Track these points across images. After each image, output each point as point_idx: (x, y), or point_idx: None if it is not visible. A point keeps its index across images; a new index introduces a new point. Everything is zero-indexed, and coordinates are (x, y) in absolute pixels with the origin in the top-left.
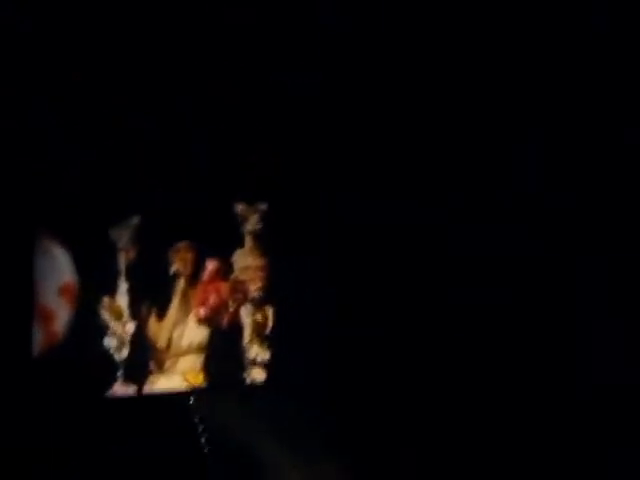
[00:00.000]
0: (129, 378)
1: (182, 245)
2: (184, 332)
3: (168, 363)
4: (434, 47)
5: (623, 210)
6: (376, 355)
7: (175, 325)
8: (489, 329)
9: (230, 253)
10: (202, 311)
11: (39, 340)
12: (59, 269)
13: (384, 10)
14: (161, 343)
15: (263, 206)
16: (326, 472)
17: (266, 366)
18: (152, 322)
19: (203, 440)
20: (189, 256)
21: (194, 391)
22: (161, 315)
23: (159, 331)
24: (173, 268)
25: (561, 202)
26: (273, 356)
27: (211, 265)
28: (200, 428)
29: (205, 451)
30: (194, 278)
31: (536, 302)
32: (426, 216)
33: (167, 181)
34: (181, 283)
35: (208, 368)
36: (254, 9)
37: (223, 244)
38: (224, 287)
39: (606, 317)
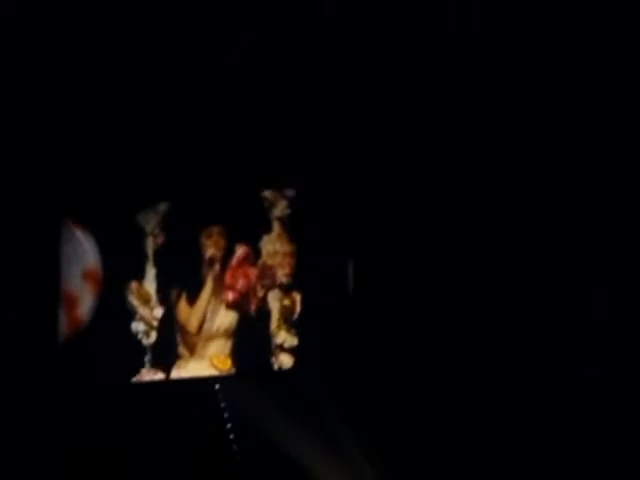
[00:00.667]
0: (157, 363)
1: (215, 230)
2: (214, 316)
3: (197, 347)
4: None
5: (623, 210)
6: (401, 341)
7: (206, 309)
8: (488, 329)
9: (258, 239)
10: (230, 296)
11: (64, 325)
12: (84, 255)
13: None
14: (192, 327)
15: (291, 192)
16: (354, 458)
17: (294, 352)
18: (182, 306)
19: (230, 426)
20: (222, 241)
21: (222, 377)
22: (192, 299)
23: (190, 315)
24: (208, 253)
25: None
26: (300, 342)
27: (240, 250)
28: (227, 414)
29: (232, 437)
30: (224, 263)
31: (536, 302)
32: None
33: (196, 167)
34: (215, 267)
35: (236, 353)
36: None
37: (251, 230)
38: (252, 272)
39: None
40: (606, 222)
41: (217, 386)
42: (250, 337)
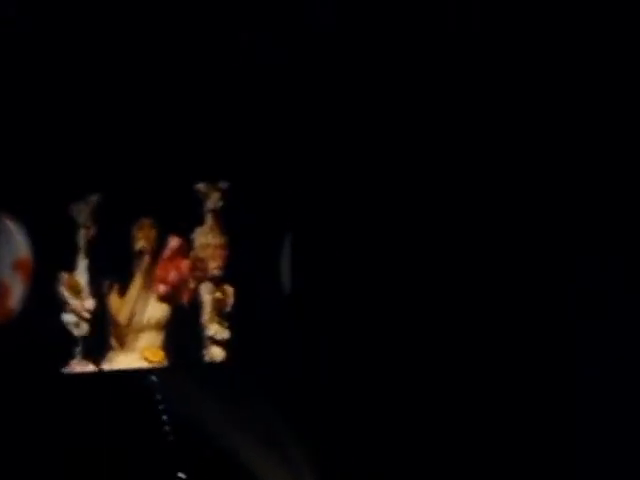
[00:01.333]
0: (88, 355)
1: (146, 222)
2: (145, 309)
3: (128, 339)
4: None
5: (623, 210)
6: (334, 332)
7: (137, 301)
8: (488, 329)
9: (191, 231)
10: (162, 288)
11: None
12: (14, 245)
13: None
14: (122, 319)
15: (224, 185)
16: (288, 450)
17: (225, 344)
18: (113, 298)
19: (162, 418)
20: (152, 233)
21: (153, 369)
22: (123, 291)
23: (120, 307)
24: (138, 245)
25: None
26: (232, 334)
27: (172, 242)
28: (158, 406)
29: (164, 429)
30: (155, 255)
31: (536, 302)
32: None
33: (129, 158)
34: (145, 260)
35: (167, 345)
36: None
37: (184, 222)
38: (184, 265)
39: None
40: (606, 222)
41: (153, 378)
42: (182, 329)
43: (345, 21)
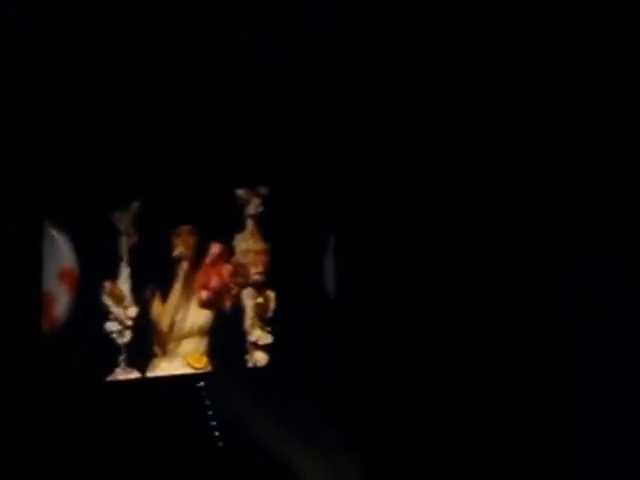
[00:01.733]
0: (131, 362)
1: (184, 229)
2: (187, 315)
3: (171, 346)
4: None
5: (623, 210)
6: (377, 338)
7: (177, 308)
8: (488, 329)
9: (232, 237)
10: (204, 294)
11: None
12: (60, 254)
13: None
14: (164, 326)
15: (264, 190)
16: (331, 453)
17: (268, 349)
18: (155, 305)
19: (211, 423)
20: (191, 240)
21: (197, 375)
22: (164, 298)
23: (162, 314)
24: (176, 252)
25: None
26: (275, 339)
27: (214, 248)
28: (207, 411)
29: (217, 433)
30: (196, 261)
31: (536, 302)
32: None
33: (169, 165)
34: (184, 266)
35: (210, 351)
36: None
37: (225, 228)
38: (226, 270)
39: (606, 317)
40: (606, 222)
41: (201, 383)
42: (224, 335)
43: (345, 21)
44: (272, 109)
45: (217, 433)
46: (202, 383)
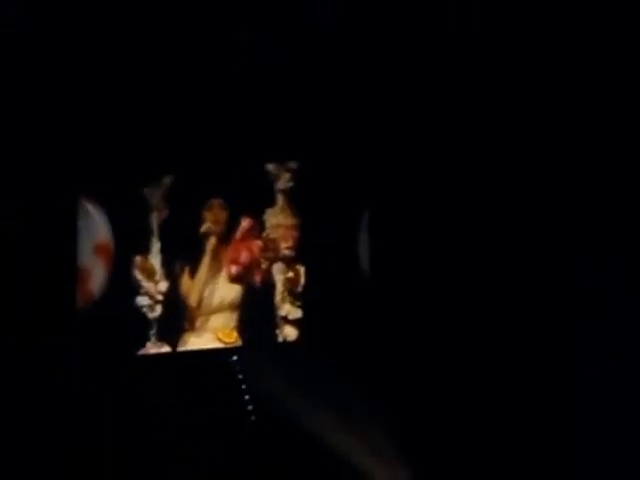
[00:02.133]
0: (162, 337)
1: (215, 203)
2: (215, 290)
3: (200, 321)
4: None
5: (623, 210)
6: (406, 314)
7: (206, 283)
8: (489, 328)
9: (262, 212)
10: (234, 269)
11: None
12: (95, 229)
13: None
14: (193, 301)
15: (294, 165)
16: (363, 428)
17: (298, 324)
18: (185, 280)
19: (244, 397)
20: (221, 215)
21: (227, 349)
22: (193, 273)
23: (191, 289)
24: (204, 227)
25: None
26: (305, 314)
27: (244, 223)
28: (241, 385)
29: (250, 408)
30: (226, 236)
31: (536, 302)
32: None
33: (199, 141)
34: (212, 241)
35: (240, 326)
36: None
37: (255, 203)
38: (256, 245)
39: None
40: (606, 222)
41: (234, 357)
42: (254, 310)
43: (345, 21)
44: (302, 85)
45: (249, 407)
46: (234, 357)
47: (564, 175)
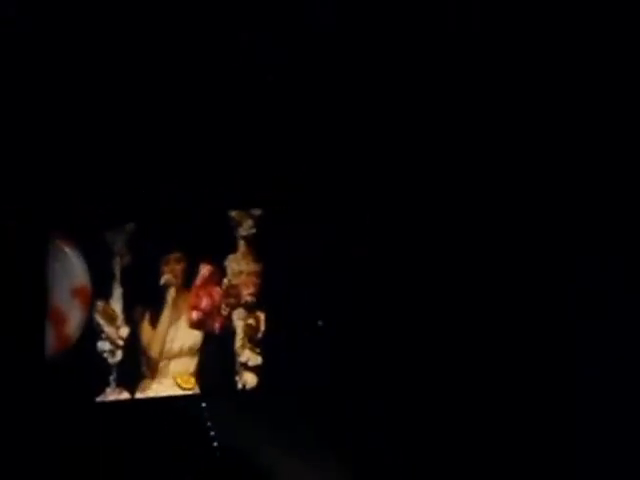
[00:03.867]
0: (122, 382)
1: (172, 256)
2: (176, 336)
3: (160, 366)
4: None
5: (623, 210)
6: (368, 358)
7: (167, 330)
8: (488, 329)
9: (223, 258)
10: (195, 315)
11: (51, 342)
12: (73, 271)
13: None
14: (154, 347)
15: (257, 212)
16: (322, 472)
17: (258, 371)
18: (145, 327)
19: (198, 444)
20: (179, 267)
21: (186, 397)
22: (154, 320)
23: (152, 336)
24: (163, 279)
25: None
26: (265, 361)
27: (204, 270)
28: (194, 433)
29: (218, 454)
30: (185, 286)
31: (536, 302)
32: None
33: (162, 187)
34: (172, 293)
35: (200, 372)
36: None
37: (217, 249)
38: (217, 291)
39: (606, 317)
40: (606, 222)
41: (203, 404)
42: (214, 356)
43: (345, 21)
44: (265, 128)
45: (218, 454)
46: (204, 404)
47: (564, 175)
